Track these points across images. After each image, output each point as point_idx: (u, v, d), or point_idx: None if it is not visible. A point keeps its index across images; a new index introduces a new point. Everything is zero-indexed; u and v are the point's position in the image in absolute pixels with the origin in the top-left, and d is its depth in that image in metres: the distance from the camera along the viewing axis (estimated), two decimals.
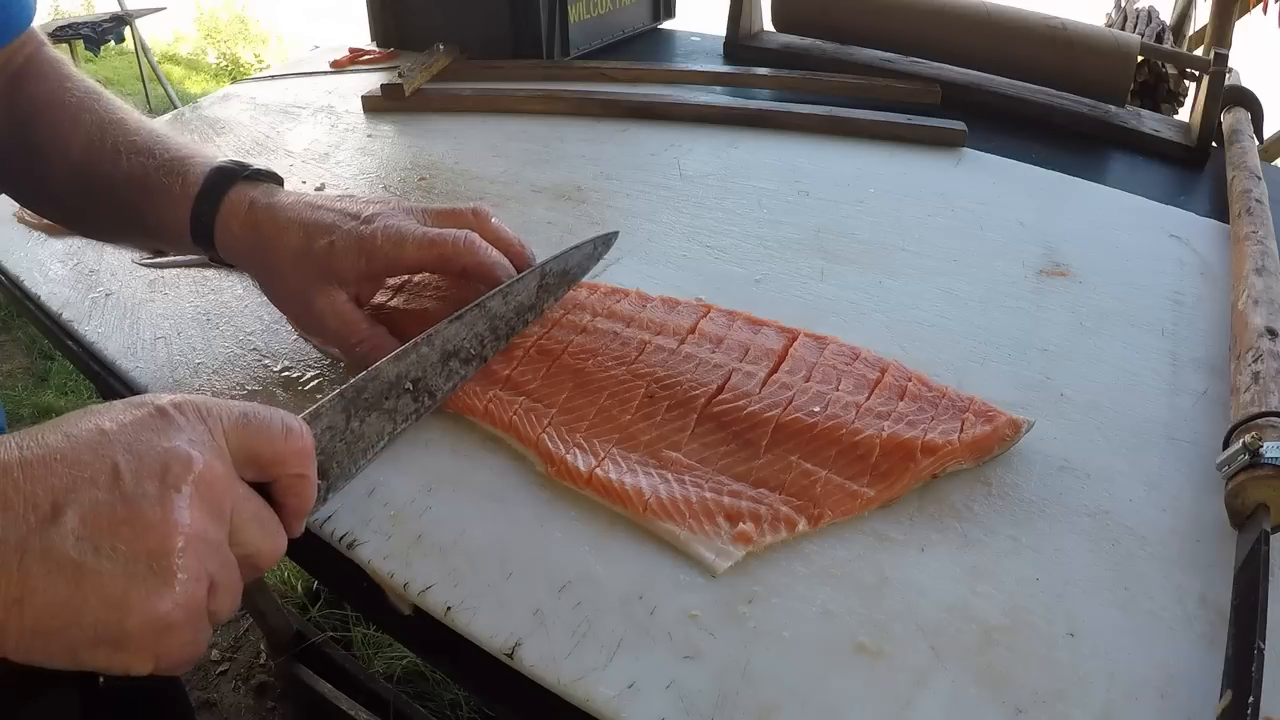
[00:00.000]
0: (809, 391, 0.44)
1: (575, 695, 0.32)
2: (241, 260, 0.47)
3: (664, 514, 0.38)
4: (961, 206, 0.67)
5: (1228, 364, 0.47)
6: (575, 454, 0.41)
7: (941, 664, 0.32)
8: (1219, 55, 0.80)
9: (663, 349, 0.47)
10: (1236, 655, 0.31)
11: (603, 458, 0.41)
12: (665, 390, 0.44)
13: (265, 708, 1.25)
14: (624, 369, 0.46)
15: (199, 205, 0.46)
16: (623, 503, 0.39)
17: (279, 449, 0.32)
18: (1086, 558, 0.37)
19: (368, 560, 0.38)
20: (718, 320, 0.50)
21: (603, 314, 0.50)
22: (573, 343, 0.47)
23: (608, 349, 0.47)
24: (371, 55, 1.05)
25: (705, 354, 0.46)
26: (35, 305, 0.59)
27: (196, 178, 0.47)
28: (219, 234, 0.46)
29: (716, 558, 0.36)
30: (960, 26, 0.91)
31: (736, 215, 0.66)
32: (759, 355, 0.47)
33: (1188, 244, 0.63)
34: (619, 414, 0.44)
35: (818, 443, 0.41)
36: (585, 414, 0.44)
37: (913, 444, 0.40)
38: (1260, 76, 1.08)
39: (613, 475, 0.40)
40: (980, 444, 0.41)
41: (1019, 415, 0.42)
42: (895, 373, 0.45)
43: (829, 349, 0.47)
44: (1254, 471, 0.36)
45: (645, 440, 0.42)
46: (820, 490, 0.39)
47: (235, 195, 0.46)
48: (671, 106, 0.85)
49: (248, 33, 5.04)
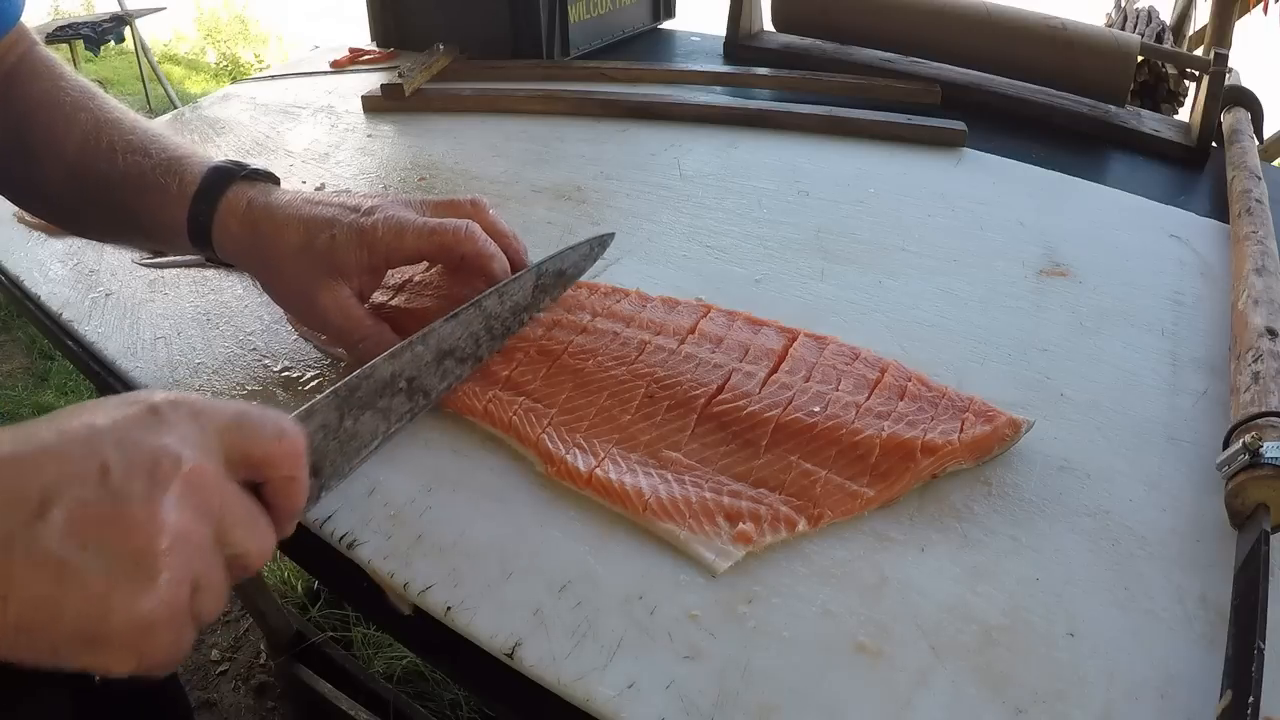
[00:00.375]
0: (809, 391, 0.44)
1: (575, 695, 0.32)
2: (240, 259, 0.47)
3: (664, 514, 0.38)
4: (961, 206, 0.67)
5: (1228, 364, 0.47)
6: (575, 454, 0.41)
7: (941, 664, 0.32)
8: (1219, 55, 0.80)
9: (663, 349, 0.47)
10: (1236, 655, 0.31)
11: (602, 458, 0.41)
12: (665, 390, 0.44)
13: (265, 708, 1.25)
14: (624, 369, 0.46)
15: (196, 205, 0.46)
16: (622, 503, 0.39)
17: (270, 450, 0.32)
18: (1086, 558, 0.37)
19: (368, 560, 0.38)
20: (718, 320, 0.50)
21: (603, 314, 0.50)
22: (573, 343, 0.47)
23: (608, 349, 0.47)
24: (371, 55, 1.05)
25: (705, 354, 0.46)
26: (35, 305, 0.59)
27: (194, 177, 0.46)
28: (217, 233, 0.46)
29: (716, 558, 0.36)
30: (960, 26, 0.91)
31: (736, 215, 0.66)
32: (759, 355, 0.47)
33: (1188, 244, 0.63)
34: (619, 414, 0.44)
35: (817, 443, 0.41)
36: (585, 414, 0.44)
37: (912, 444, 0.40)
38: (1260, 76, 1.08)
39: (612, 475, 0.40)
40: (980, 444, 0.41)
41: (1019, 415, 0.42)
42: (895, 373, 0.45)
43: (829, 349, 0.47)
44: (1254, 471, 0.36)
45: (645, 440, 0.42)
46: (820, 490, 0.39)
47: (233, 194, 0.46)
48: (671, 106, 0.85)
49: (248, 33, 5.04)
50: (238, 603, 1.38)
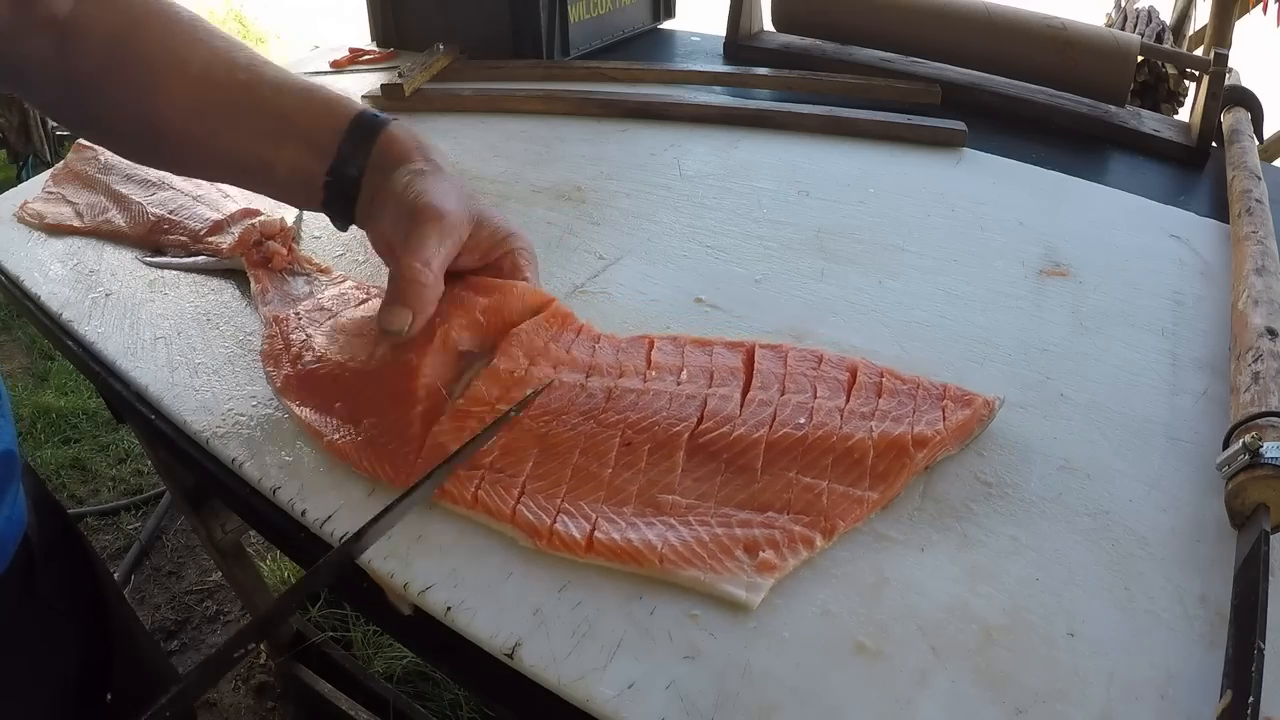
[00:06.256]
0: (789, 404, 0.43)
1: (575, 695, 0.32)
2: (393, 159, 0.45)
3: (682, 562, 0.36)
4: (961, 206, 0.67)
5: (1228, 364, 0.47)
6: (564, 521, 0.38)
7: (941, 664, 0.32)
8: (1219, 55, 0.80)
9: (630, 390, 0.44)
10: (1236, 655, 0.31)
11: (595, 519, 0.38)
12: (641, 434, 0.42)
13: (265, 708, 1.25)
14: (592, 423, 0.42)
15: (365, 115, 0.46)
16: (635, 561, 0.36)
17: None
18: (1086, 558, 0.37)
19: (368, 560, 0.38)
20: (667, 349, 0.47)
21: (560, 362, 0.46)
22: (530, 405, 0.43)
23: (574, 404, 0.43)
24: (371, 55, 1.05)
25: (672, 387, 0.44)
26: (35, 305, 0.59)
27: (353, 98, 0.47)
28: (383, 140, 0.45)
29: (748, 594, 0.35)
30: (960, 26, 0.91)
31: (736, 215, 0.66)
32: (725, 376, 0.45)
33: (1188, 244, 0.63)
34: (598, 470, 0.40)
35: (812, 454, 0.40)
36: (560, 477, 0.40)
37: (904, 439, 0.40)
38: (1260, 76, 1.08)
39: (615, 535, 0.37)
40: (964, 428, 0.42)
41: (991, 396, 0.43)
42: (865, 370, 0.45)
43: (790, 356, 0.46)
44: (1254, 471, 0.36)
45: (634, 490, 0.40)
46: (827, 502, 0.38)
47: (396, 126, 0.46)
48: (671, 106, 0.85)
49: (246, 32, 5.04)
50: (237, 603, 1.39)
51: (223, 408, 0.47)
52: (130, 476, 1.68)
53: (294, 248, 0.60)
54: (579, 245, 0.62)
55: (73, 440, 1.75)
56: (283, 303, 0.54)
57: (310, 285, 0.56)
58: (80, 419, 1.80)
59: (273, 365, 0.49)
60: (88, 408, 1.82)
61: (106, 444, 1.75)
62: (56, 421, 1.78)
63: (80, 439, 1.76)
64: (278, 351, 0.49)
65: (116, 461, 1.71)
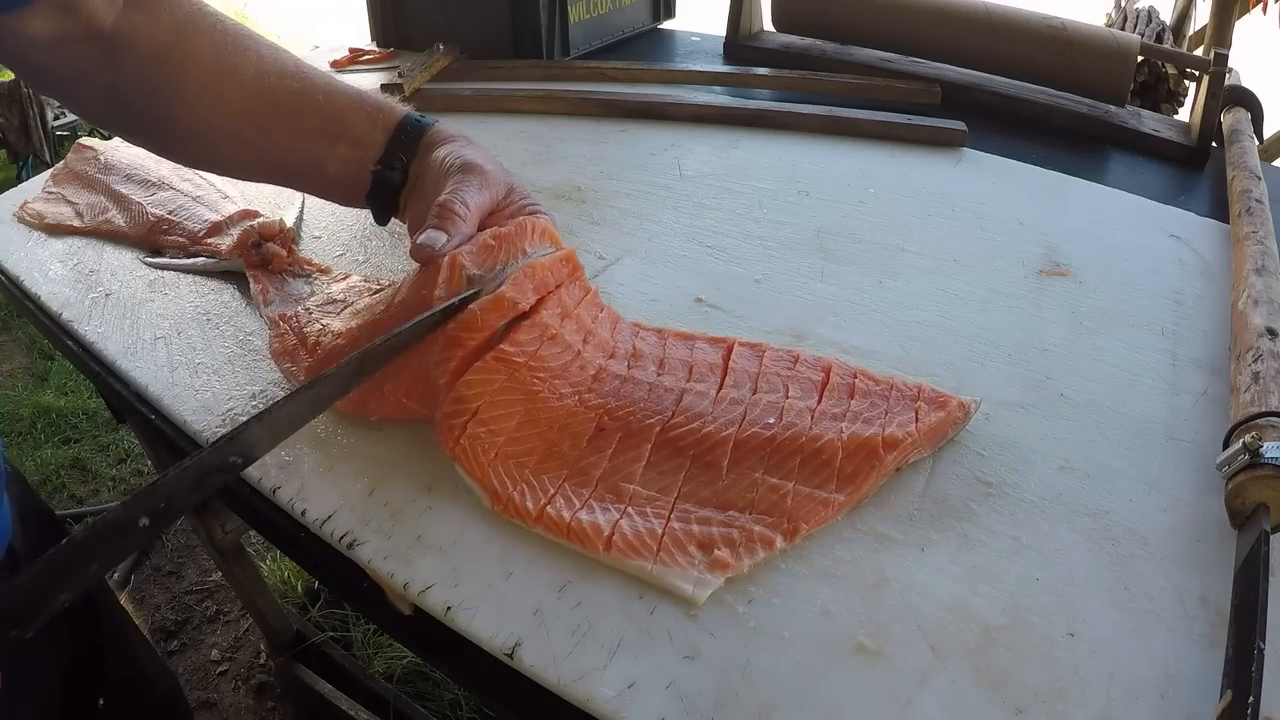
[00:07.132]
0: (760, 403, 0.42)
1: (575, 695, 0.32)
2: (437, 144, 0.48)
3: (630, 550, 0.36)
4: (961, 206, 0.67)
5: (1228, 364, 0.47)
6: (523, 490, 0.39)
7: (941, 664, 0.32)
8: (1219, 55, 0.80)
9: (615, 375, 0.45)
10: (1236, 655, 0.31)
11: (553, 494, 0.39)
12: (616, 421, 0.42)
13: (265, 708, 1.25)
14: (576, 399, 0.43)
15: (412, 116, 0.49)
16: (580, 541, 0.37)
17: None
18: (1086, 558, 0.37)
19: (368, 560, 0.38)
20: (650, 339, 0.48)
21: (569, 315, 0.46)
22: (534, 354, 0.43)
23: (566, 370, 0.44)
24: (371, 55, 1.05)
25: (652, 378, 0.45)
26: (35, 305, 0.59)
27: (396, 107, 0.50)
28: (429, 135, 0.49)
29: (695, 589, 0.35)
30: (960, 26, 0.91)
31: (736, 215, 0.66)
32: (704, 372, 0.45)
33: (1188, 244, 0.63)
34: (568, 449, 0.41)
35: (779, 455, 0.40)
36: (534, 447, 0.41)
37: (874, 441, 0.40)
38: (1260, 76, 1.08)
39: (565, 513, 0.38)
40: (937, 430, 0.41)
41: (967, 399, 0.43)
42: (839, 371, 0.45)
43: (767, 356, 0.46)
44: (1254, 471, 0.36)
45: (598, 475, 0.40)
46: (791, 503, 0.38)
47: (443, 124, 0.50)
48: (671, 106, 0.85)
49: None
50: (237, 603, 1.39)
51: (223, 408, 0.47)
52: (130, 476, 1.68)
53: (294, 249, 0.60)
54: (579, 245, 0.62)
55: (73, 440, 1.75)
56: (285, 303, 0.54)
57: (311, 285, 0.57)
58: (80, 419, 1.80)
59: (290, 361, 0.49)
60: (88, 408, 1.82)
61: (106, 444, 1.75)
62: (56, 421, 1.78)
63: (80, 439, 1.76)
64: (292, 347, 0.50)
65: (116, 461, 1.71)
